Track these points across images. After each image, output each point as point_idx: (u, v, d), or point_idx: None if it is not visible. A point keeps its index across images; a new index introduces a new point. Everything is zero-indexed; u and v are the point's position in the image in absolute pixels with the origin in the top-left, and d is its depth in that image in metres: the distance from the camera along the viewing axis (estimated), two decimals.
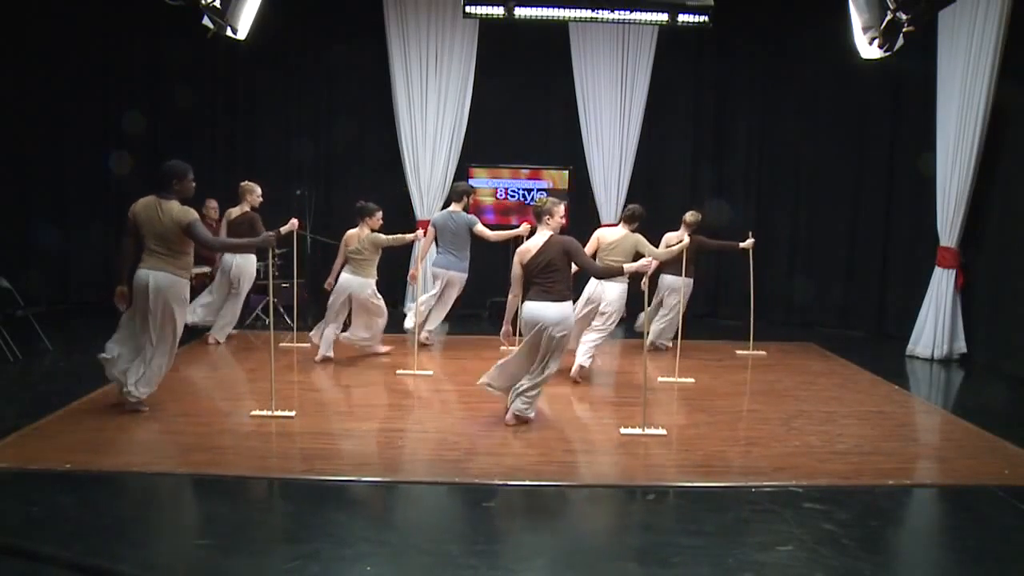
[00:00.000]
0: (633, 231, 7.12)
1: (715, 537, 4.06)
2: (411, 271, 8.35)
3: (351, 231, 7.34)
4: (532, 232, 5.76)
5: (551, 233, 5.51)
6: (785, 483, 4.73)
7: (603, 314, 6.95)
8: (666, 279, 8.04)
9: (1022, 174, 7.66)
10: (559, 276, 5.46)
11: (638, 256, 6.79)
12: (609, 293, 6.91)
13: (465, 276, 7.97)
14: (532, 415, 5.66)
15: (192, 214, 5.42)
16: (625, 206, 9.85)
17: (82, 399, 5.97)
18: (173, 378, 6.72)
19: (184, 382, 6.65)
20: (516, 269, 5.53)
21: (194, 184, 5.64)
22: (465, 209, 7.94)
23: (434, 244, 8.21)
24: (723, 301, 10.38)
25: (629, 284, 6.89)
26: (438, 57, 9.64)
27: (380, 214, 7.39)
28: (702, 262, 8.49)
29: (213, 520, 4.08)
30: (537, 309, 5.44)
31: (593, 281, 7.00)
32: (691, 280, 7.97)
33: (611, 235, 7.20)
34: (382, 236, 7.32)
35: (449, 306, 8.14)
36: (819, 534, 4.07)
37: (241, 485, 4.58)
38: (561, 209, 5.60)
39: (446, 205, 8.46)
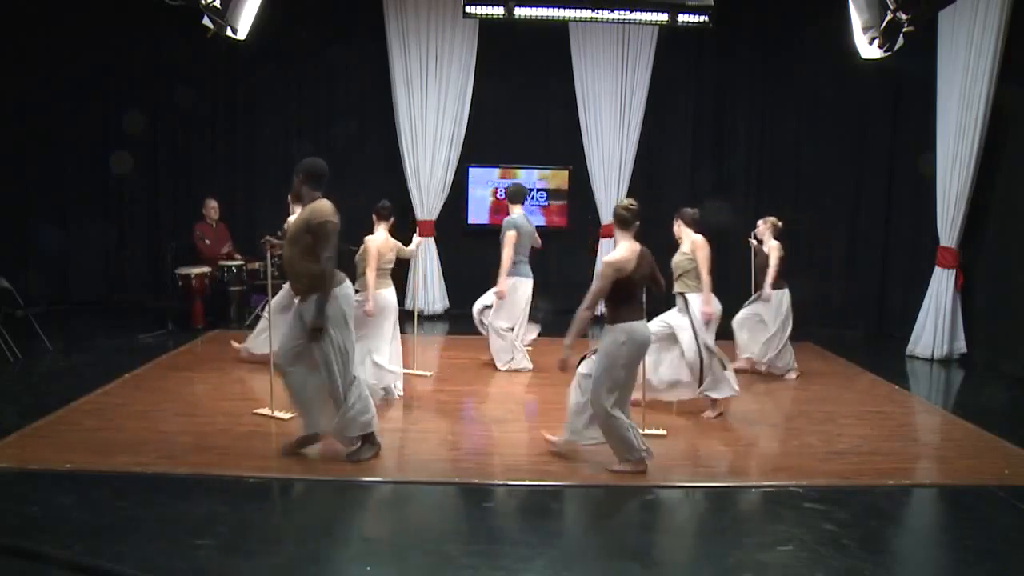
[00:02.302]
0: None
1: (715, 537, 4.07)
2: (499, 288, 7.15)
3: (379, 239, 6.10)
4: None
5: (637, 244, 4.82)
6: (785, 483, 4.73)
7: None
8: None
9: (1022, 174, 7.66)
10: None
11: None
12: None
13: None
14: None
15: None
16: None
17: (82, 399, 5.97)
18: (173, 378, 6.74)
19: (184, 382, 6.65)
20: (609, 281, 4.64)
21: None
22: None
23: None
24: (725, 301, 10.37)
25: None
26: (438, 57, 9.64)
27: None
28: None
29: (213, 520, 4.07)
30: (647, 331, 4.90)
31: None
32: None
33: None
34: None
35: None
36: (819, 534, 4.06)
37: (241, 485, 4.58)
38: None
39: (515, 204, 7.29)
